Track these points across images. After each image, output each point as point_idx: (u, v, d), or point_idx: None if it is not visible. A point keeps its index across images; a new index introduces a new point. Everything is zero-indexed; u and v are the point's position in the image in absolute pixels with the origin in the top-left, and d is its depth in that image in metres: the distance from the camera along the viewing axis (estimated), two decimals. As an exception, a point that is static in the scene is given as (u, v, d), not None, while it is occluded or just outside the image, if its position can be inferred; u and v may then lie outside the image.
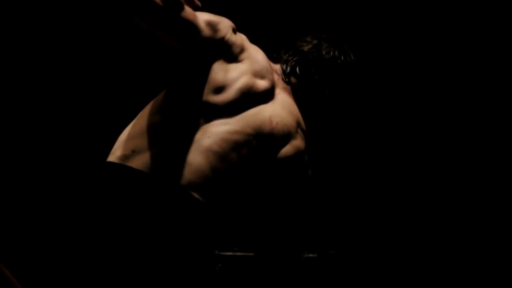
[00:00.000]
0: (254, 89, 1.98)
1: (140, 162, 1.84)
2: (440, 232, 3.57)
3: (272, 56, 2.19)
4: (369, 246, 3.57)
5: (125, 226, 1.77)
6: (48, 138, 3.48)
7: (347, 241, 3.54)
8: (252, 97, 1.97)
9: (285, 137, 1.99)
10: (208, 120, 1.90)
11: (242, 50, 2.01)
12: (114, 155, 1.91)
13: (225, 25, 1.99)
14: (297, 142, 2.02)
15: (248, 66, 1.99)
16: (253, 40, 2.10)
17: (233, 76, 1.96)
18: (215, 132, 1.89)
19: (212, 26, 1.95)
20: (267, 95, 2.02)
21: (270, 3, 3.50)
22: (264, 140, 1.94)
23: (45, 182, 3.40)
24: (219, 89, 1.93)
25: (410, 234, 3.58)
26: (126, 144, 1.91)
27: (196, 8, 1.96)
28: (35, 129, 3.48)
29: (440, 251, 3.55)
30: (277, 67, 2.17)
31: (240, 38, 2.04)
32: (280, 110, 2.02)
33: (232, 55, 1.98)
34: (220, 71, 1.95)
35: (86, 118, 3.52)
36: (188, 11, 1.86)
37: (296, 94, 2.13)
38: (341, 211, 3.58)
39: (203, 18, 1.94)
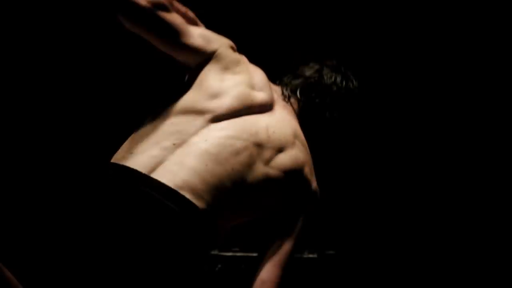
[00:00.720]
0: (250, 99, 1.98)
1: (136, 162, 1.84)
2: (440, 232, 3.57)
3: (275, 82, 2.20)
4: (368, 246, 3.57)
5: (119, 225, 1.76)
6: (48, 139, 3.48)
7: (347, 241, 3.54)
8: (249, 106, 1.98)
9: (282, 146, 1.98)
10: (205, 124, 1.91)
11: (238, 64, 2.02)
12: (113, 158, 1.92)
13: (220, 40, 2.02)
14: (295, 153, 2.00)
15: (245, 79, 2.00)
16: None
17: (229, 84, 1.97)
18: (212, 136, 1.89)
19: (205, 37, 1.99)
20: (264, 107, 2.02)
21: (273, 27, 3.50)
22: (260, 147, 1.93)
23: (43, 183, 3.41)
24: (215, 96, 1.94)
25: (409, 234, 3.58)
26: (125, 146, 1.92)
27: (191, 20, 1.99)
28: (36, 131, 3.48)
29: (440, 251, 3.55)
30: (277, 88, 2.18)
31: (239, 56, 2.06)
32: (277, 121, 2.02)
33: (227, 67, 2.00)
34: (216, 80, 1.96)
35: (87, 121, 3.52)
36: (175, 16, 1.91)
37: (296, 115, 2.14)
38: (340, 212, 3.58)
39: (198, 30, 1.98)
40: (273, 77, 2.18)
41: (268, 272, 1.94)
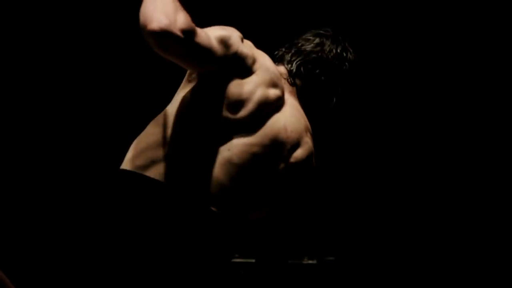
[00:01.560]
0: (269, 100, 1.99)
1: (158, 172, 1.85)
2: (438, 238, 3.57)
3: (274, 55, 2.20)
4: (368, 252, 3.57)
5: (140, 237, 1.78)
6: (63, 144, 3.49)
7: (346, 247, 3.54)
8: (268, 108, 1.98)
9: (298, 142, 2.02)
10: (228, 133, 1.91)
11: (254, 61, 2.00)
12: (133, 164, 1.91)
13: (235, 38, 1.96)
14: (307, 145, 2.04)
15: (261, 77, 1.99)
16: (252, 38, 2.10)
17: (249, 89, 1.95)
18: (235, 145, 1.90)
19: (224, 42, 1.92)
20: (279, 103, 2.04)
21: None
22: (280, 149, 1.96)
23: (60, 188, 3.41)
24: (237, 105, 1.93)
25: (408, 240, 3.59)
26: (145, 153, 1.90)
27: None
28: (50, 136, 3.49)
29: (439, 255, 3.55)
30: (282, 69, 2.16)
31: (249, 47, 2.02)
32: (291, 116, 2.04)
33: (245, 68, 1.97)
34: (236, 86, 1.94)
35: (97, 124, 3.53)
36: (202, 35, 1.83)
37: (301, 95, 2.14)
38: (340, 218, 3.58)
39: (214, 35, 1.90)
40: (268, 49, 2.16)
41: None
